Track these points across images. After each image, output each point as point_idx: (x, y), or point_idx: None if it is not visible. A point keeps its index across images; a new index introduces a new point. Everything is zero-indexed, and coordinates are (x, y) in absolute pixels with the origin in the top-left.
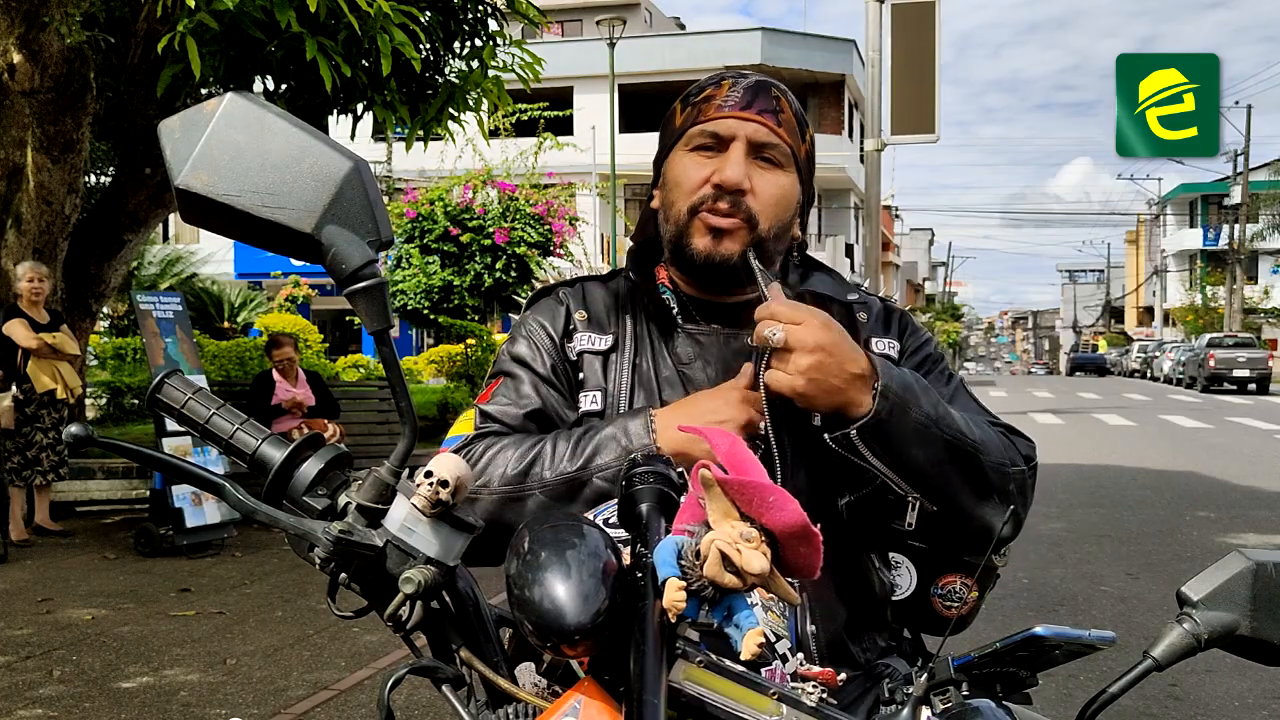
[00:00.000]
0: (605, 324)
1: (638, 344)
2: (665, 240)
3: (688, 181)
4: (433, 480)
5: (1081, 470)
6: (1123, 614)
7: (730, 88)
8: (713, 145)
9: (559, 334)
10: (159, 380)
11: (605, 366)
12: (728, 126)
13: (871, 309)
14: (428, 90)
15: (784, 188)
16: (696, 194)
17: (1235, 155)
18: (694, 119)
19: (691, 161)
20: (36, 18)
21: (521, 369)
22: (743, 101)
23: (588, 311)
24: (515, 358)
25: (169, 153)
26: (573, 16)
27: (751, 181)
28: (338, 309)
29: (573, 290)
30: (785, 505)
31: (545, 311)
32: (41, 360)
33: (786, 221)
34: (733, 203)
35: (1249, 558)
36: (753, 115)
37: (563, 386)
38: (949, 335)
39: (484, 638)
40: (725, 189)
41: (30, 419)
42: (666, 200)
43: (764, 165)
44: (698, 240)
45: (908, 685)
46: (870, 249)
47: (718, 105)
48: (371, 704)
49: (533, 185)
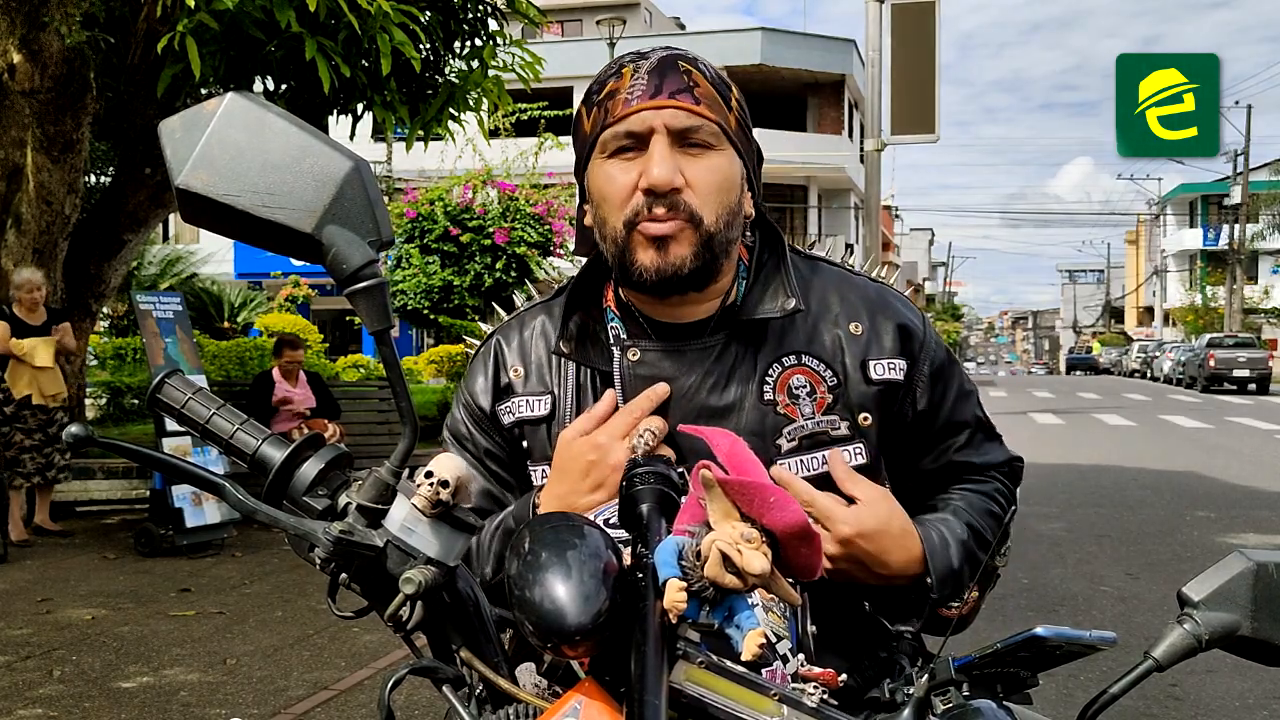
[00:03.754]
0: (546, 376)
1: (579, 400)
2: (609, 259)
3: (615, 193)
4: (433, 480)
5: (1081, 470)
6: (1123, 614)
7: (633, 75)
8: (631, 145)
9: (489, 403)
10: (159, 380)
11: (549, 434)
12: (641, 120)
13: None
14: (428, 90)
15: (721, 170)
16: (628, 206)
17: (1235, 155)
18: (603, 121)
19: (615, 168)
20: (36, 18)
21: (462, 454)
22: (650, 88)
23: (524, 364)
24: (455, 436)
25: (169, 152)
26: (573, 16)
27: (684, 174)
28: (338, 309)
29: (508, 334)
30: (786, 506)
31: (477, 375)
32: (19, 365)
33: (734, 205)
34: (670, 204)
35: (1250, 558)
36: (665, 101)
37: (505, 463)
38: (949, 335)
39: (484, 638)
40: (657, 192)
41: (10, 420)
42: (598, 218)
43: (693, 152)
44: (642, 255)
45: (909, 686)
46: (870, 249)
47: (624, 99)
48: (371, 704)
49: (533, 185)
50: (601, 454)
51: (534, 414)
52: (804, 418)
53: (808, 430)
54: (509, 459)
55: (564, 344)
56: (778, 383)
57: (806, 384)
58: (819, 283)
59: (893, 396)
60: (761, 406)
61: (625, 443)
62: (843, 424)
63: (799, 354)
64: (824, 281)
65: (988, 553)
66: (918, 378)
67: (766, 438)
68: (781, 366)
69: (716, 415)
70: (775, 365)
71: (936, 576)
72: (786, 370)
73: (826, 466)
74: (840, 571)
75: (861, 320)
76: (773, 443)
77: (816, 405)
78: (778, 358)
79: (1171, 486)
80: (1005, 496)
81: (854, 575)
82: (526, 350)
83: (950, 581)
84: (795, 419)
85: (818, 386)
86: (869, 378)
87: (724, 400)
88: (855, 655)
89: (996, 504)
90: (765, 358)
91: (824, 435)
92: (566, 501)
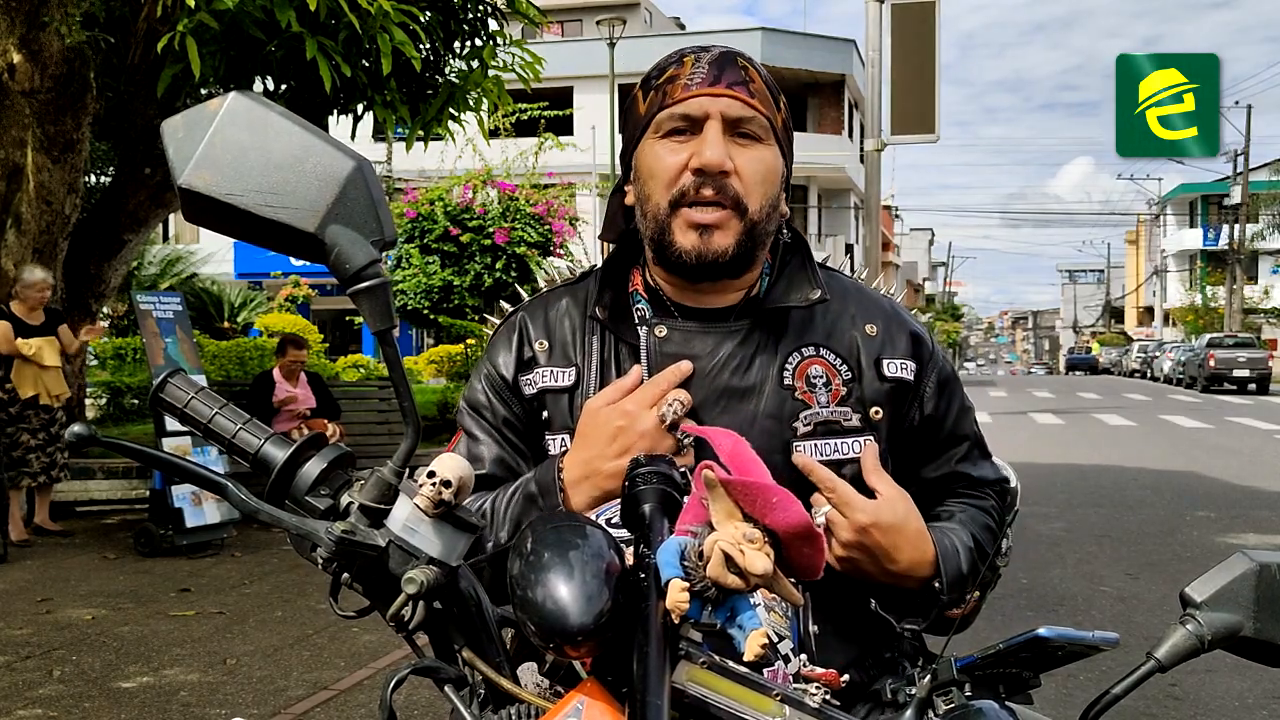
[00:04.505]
0: (570, 352)
1: (604, 374)
2: (645, 238)
3: (664, 171)
4: (435, 480)
5: (1081, 470)
6: (1123, 614)
7: (694, 64)
8: (685, 128)
9: (513, 373)
10: (162, 379)
11: (571, 404)
12: (699, 105)
13: (885, 319)
14: (428, 90)
15: (767, 162)
16: (676, 184)
17: (1235, 155)
18: (660, 103)
19: (665, 149)
20: (36, 18)
21: (478, 422)
22: (710, 77)
23: (549, 339)
24: (472, 406)
25: (172, 152)
26: (573, 16)
27: (734, 161)
28: (338, 309)
29: (534, 311)
30: (788, 506)
31: (500, 348)
32: (24, 365)
33: (775, 198)
34: (718, 187)
35: (1252, 559)
36: (723, 90)
37: (522, 433)
38: (949, 335)
39: (486, 638)
40: (707, 173)
41: (15, 420)
42: (642, 194)
43: (743, 141)
44: (682, 238)
45: (910, 686)
46: (870, 249)
47: (683, 85)
48: (371, 704)
49: (533, 185)
50: (630, 420)
51: (558, 384)
52: (819, 405)
53: (822, 418)
54: (525, 429)
55: (599, 310)
56: (797, 370)
57: (823, 374)
58: (837, 287)
59: (903, 396)
60: (781, 391)
61: (653, 411)
62: (855, 416)
63: (817, 346)
64: (842, 288)
65: (986, 564)
66: (926, 383)
67: (784, 421)
68: (801, 356)
69: (738, 396)
70: (795, 354)
71: (947, 580)
72: (805, 360)
73: (837, 454)
74: (850, 561)
75: (877, 323)
76: (789, 426)
77: (832, 395)
78: (797, 347)
79: (1171, 486)
80: (998, 513)
81: (863, 568)
82: (552, 326)
83: (958, 586)
84: (811, 405)
85: (833, 379)
86: (882, 374)
87: (746, 382)
88: (858, 653)
89: (992, 519)
90: (786, 346)
91: (837, 425)
92: (592, 466)
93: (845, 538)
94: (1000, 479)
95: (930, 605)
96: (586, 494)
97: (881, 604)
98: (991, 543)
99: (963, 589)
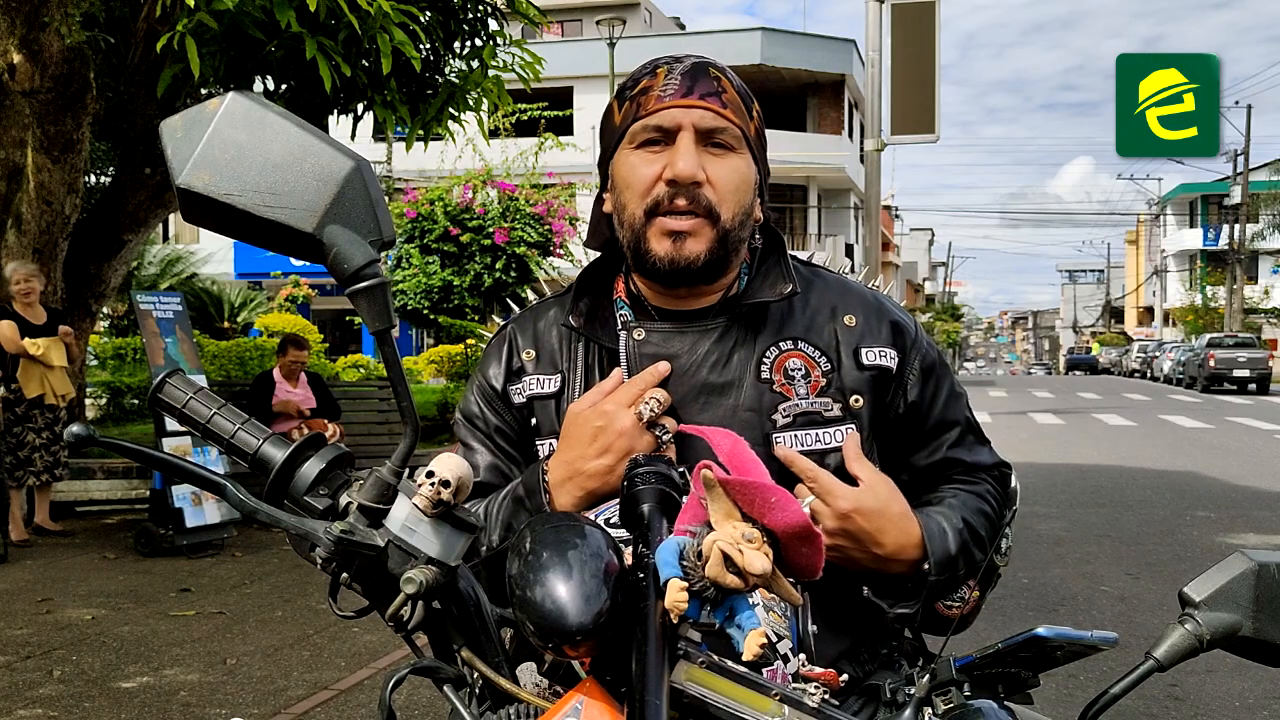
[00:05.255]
0: (555, 359)
1: (588, 379)
2: (624, 246)
3: (638, 181)
4: (434, 480)
5: (1081, 470)
6: (1123, 614)
7: (666, 75)
8: (659, 139)
9: (502, 384)
10: (161, 379)
11: (557, 409)
12: (671, 117)
13: (865, 310)
14: (428, 90)
15: (740, 171)
16: (651, 194)
17: (1235, 155)
18: (634, 114)
19: (639, 159)
20: (36, 18)
21: (472, 432)
22: (682, 88)
23: (536, 348)
24: (466, 417)
25: (170, 152)
26: (573, 16)
27: (706, 171)
28: (338, 309)
29: (523, 323)
30: (787, 506)
31: (491, 360)
32: (31, 364)
33: (748, 205)
34: (691, 197)
35: (1251, 559)
36: (696, 101)
37: (514, 441)
38: (949, 335)
39: (485, 638)
40: (679, 183)
41: (21, 419)
42: (619, 203)
43: (715, 151)
44: (657, 245)
45: (910, 686)
46: (870, 249)
47: (657, 96)
48: (371, 704)
49: (533, 185)
50: (608, 420)
51: (544, 390)
52: (798, 397)
53: (802, 409)
54: (517, 437)
55: (574, 318)
56: (774, 364)
57: (801, 366)
58: (819, 284)
59: (884, 384)
60: (759, 385)
61: (631, 410)
62: (835, 406)
63: (795, 339)
64: (824, 284)
65: (982, 549)
66: (908, 370)
67: (763, 414)
68: (778, 350)
69: (717, 391)
70: (773, 348)
71: (935, 560)
72: (783, 354)
73: (819, 444)
74: (837, 549)
75: (856, 314)
76: (768, 418)
77: (811, 387)
78: (775, 341)
79: (1171, 486)
80: (996, 499)
81: (850, 555)
82: (539, 336)
83: (947, 567)
84: (790, 398)
85: (812, 370)
86: (861, 363)
87: (724, 378)
88: (851, 645)
89: (988, 504)
90: (764, 341)
91: (817, 415)
92: (574, 466)
93: (829, 526)
94: (998, 463)
95: (920, 588)
96: (570, 494)
97: (873, 591)
98: (987, 526)
99: (954, 570)
